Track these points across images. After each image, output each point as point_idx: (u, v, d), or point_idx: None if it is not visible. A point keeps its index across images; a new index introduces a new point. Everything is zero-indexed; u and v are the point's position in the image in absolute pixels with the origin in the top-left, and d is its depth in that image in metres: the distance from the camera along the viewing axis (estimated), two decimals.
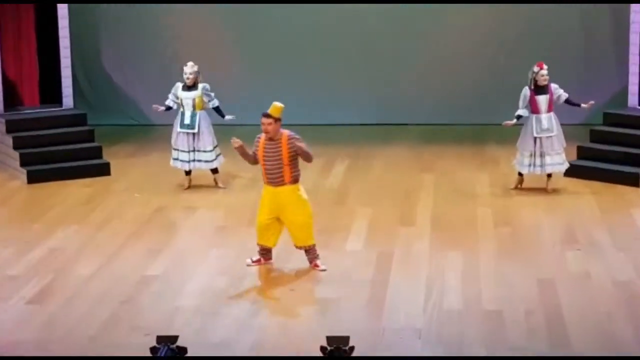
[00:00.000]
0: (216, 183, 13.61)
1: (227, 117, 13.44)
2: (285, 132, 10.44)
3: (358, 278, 10.43)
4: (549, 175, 13.18)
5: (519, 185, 13.33)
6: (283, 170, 10.42)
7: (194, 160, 13.41)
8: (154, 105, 13.65)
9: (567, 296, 9.89)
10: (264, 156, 10.47)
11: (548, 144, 13.02)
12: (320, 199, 12.65)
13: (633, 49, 14.33)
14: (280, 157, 10.39)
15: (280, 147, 10.39)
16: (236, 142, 10.52)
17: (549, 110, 13.01)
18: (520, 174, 13.28)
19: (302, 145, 10.37)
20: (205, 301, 9.95)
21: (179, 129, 13.35)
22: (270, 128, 10.37)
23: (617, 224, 11.97)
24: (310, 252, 10.65)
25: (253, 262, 10.79)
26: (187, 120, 13.30)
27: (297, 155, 10.44)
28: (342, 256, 11.07)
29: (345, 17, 16.55)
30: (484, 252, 11.14)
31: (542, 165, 13.07)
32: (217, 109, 13.44)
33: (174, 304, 9.91)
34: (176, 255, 11.24)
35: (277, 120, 10.39)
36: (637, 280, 10.28)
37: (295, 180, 10.53)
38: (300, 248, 10.70)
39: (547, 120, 12.98)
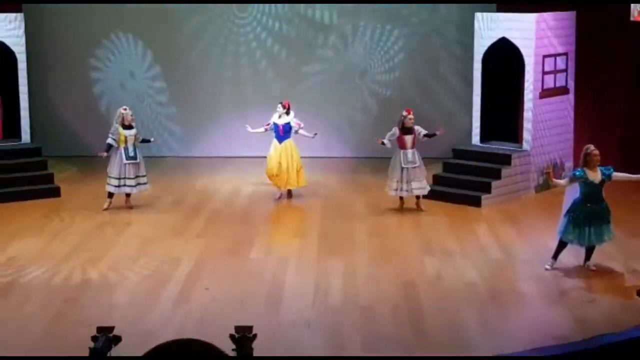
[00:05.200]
0: (128, 203, 13.55)
1: (151, 139, 13.89)
2: None
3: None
4: (418, 197, 13.39)
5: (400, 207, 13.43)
6: None
7: (138, 185, 13.38)
8: (99, 153, 13.43)
9: (425, 294, 10.10)
10: None
11: (413, 173, 13.22)
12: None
13: (475, 99, 14.68)
14: None
15: None
16: None
17: (413, 146, 13.25)
18: (401, 198, 13.38)
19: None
20: (136, 299, 9.92)
21: (125, 161, 13.25)
22: None
23: (463, 236, 12.25)
24: None
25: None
26: (131, 154, 13.26)
27: None
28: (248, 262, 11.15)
29: None
30: (360, 258, 11.31)
31: (408, 190, 13.25)
32: (144, 140, 13.60)
33: (111, 301, 9.86)
34: (113, 261, 11.18)
35: None
36: (479, 280, 10.54)
37: None
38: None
39: (412, 154, 13.22)
